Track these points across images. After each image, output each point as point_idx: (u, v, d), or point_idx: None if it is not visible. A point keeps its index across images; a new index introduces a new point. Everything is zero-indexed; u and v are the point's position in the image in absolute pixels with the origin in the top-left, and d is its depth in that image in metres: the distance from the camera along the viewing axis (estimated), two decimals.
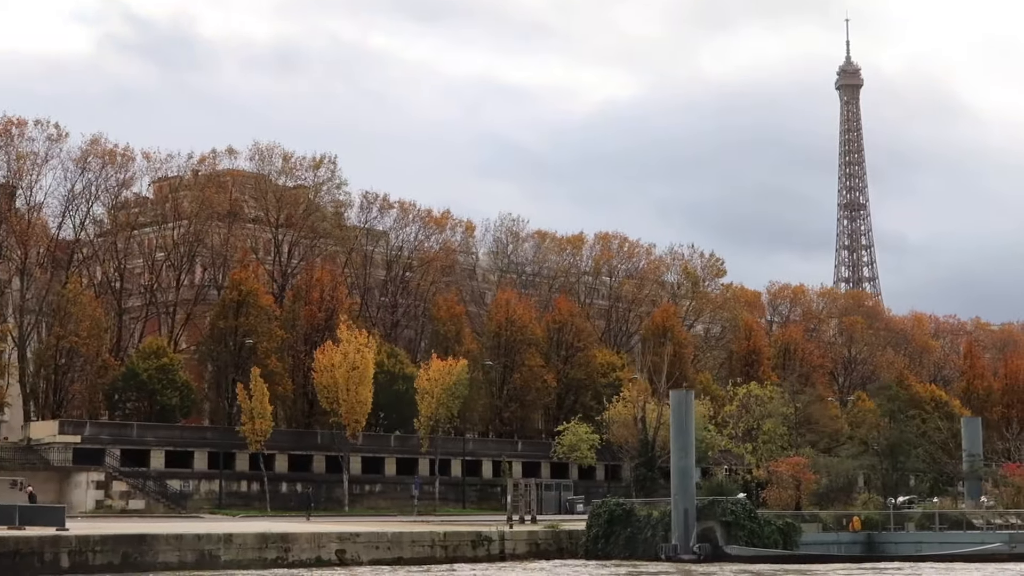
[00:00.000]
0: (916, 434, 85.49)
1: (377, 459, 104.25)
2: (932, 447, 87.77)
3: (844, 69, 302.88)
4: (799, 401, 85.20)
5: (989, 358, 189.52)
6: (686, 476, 68.41)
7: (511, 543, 71.88)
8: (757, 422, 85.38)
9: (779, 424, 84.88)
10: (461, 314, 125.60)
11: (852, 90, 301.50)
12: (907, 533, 75.23)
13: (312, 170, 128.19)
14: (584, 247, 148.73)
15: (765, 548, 68.87)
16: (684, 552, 67.36)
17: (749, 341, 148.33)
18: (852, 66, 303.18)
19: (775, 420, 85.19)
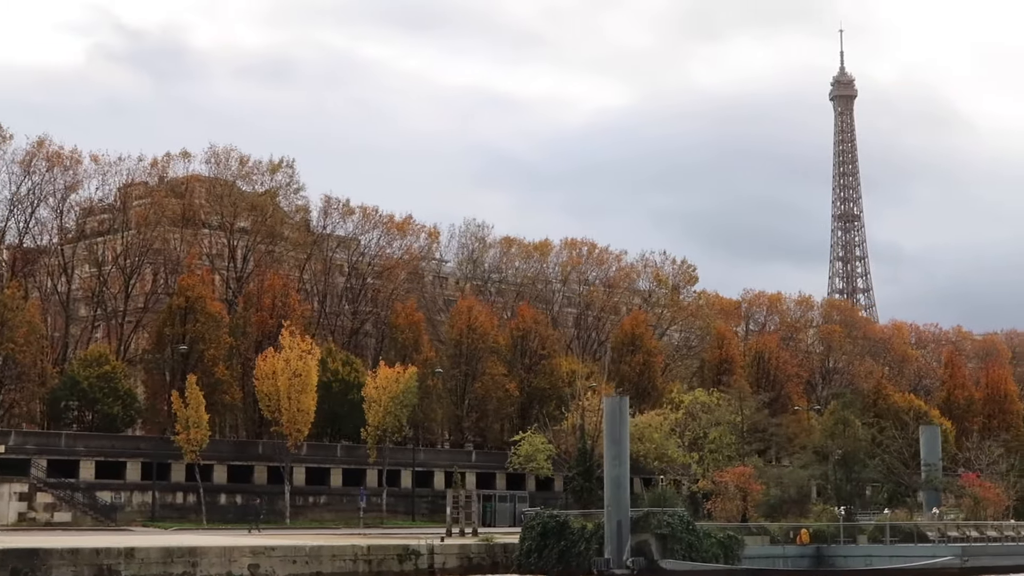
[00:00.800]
0: (871, 443, 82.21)
1: (322, 470, 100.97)
2: (890, 456, 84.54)
3: (838, 80, 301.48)
4: (747, 408, 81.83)
5: (972, 367, 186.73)
6: (620, 487, 65.18)
7: (441, 557, 68.59)
8: (703, 430, 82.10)
9: (727, 432, 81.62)
10: (420, 321, 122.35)
11: (846, 101, 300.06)
12: (857, 546, 72.11)
13: (270, 174, 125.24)
14: (551, 253, 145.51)
15: (704, 562, 65.59)
16: (617, 567, 64.12)
17: (721, 350, 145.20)
18: (846, 76, 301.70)
19: (722, 428, 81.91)
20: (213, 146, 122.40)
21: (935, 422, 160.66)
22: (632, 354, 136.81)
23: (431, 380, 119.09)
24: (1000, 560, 70.46)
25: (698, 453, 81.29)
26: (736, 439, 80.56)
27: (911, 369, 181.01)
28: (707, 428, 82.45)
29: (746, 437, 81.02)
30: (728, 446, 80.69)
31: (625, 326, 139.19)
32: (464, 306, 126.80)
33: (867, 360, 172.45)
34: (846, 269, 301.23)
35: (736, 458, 78.65)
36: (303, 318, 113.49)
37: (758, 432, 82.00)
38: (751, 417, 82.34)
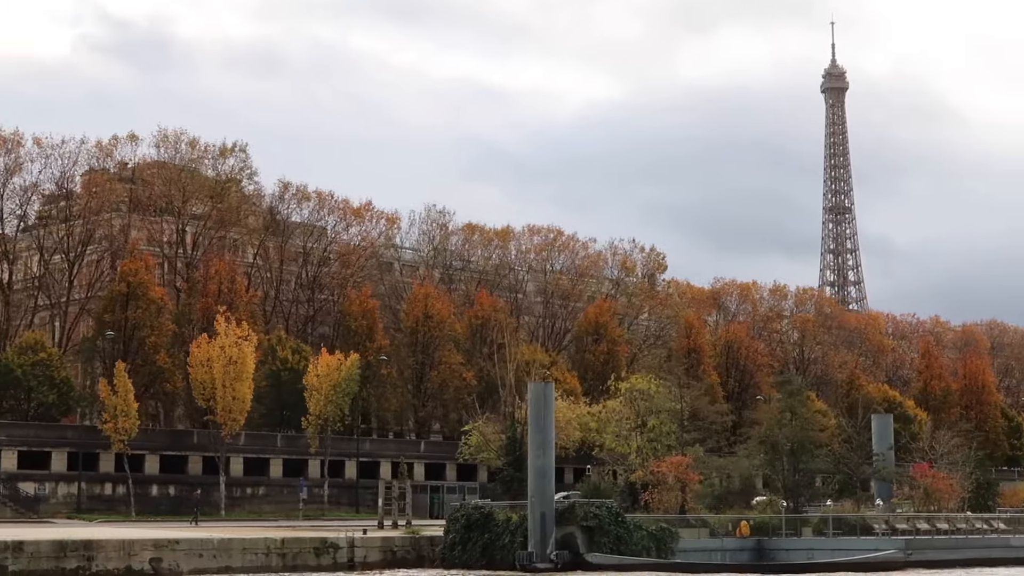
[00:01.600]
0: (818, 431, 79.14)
1: (262, 460, 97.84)
2: (843, 446, 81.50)
3: (830, 72, 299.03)
4: (687, 395, 78.67)
5: (951, 358, 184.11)
6: (544, 477, 62.25)
7: (362, 551, 65.69)
8: (642, 419, 78.99)
9: (666, 421, 78.49)
10: (374, 309, 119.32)
11: (838, 93, 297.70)
12: (799, 539, 69.32)
13: (221, 158, 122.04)
14: (512, 240, 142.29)
15: (633, 556, 62.59)
16: (540, 560, 61.21)
17: (689, 339, 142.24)
18: (838, 69, 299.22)
19: (662, 417, 78.78)
20: (163, 129, 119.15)
21: (909, 413, 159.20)
22: (596, 343, 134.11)
23: (385, 369, 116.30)
24: (945, 554, 67.71)
25: (636, 442, 78.22)
26: (676, 428, 77.34)
27: (887, 360, 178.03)
28: (646, 416, 79.33)
29: (686, 426, 77.87)
30: (667, 435, 77.57)
31: (589, 315, 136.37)
32: (421, 293, 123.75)
33: (841, 350, 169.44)
34: (837, 262, 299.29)
35: (676, 447, 75.58)
36: (250, 305, 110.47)
37: (698, 421, 78.82)
38: (692, 405, 79.06)
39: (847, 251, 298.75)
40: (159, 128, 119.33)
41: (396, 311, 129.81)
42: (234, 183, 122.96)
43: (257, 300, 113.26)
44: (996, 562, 69.35)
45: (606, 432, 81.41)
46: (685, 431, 77.24)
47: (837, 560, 65.48)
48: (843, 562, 65.21)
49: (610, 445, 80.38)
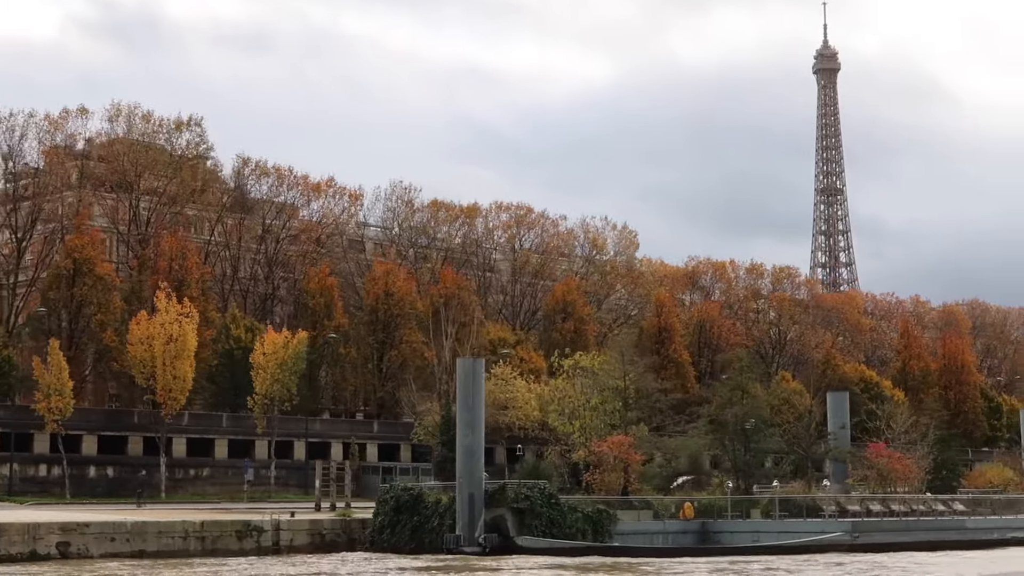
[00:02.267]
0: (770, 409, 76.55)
1: (206, 441, 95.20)
2: (798, 425, 78.94)
3: (822, 53, 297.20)
4: (631, 372, 75.97)
5: (931, 338, 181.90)
6: (472, 456, 59.75)
7: (288, 534, 63.21)
8: (586, 397, 76.35)
9: (610, 399, 75.81)
10: (332, 286, 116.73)
11: (830, 74, 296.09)
12: (744, 522, 66.91)
13: (177, 132, 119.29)
14: (478, 217, 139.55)
15: (567, 539, 60.10)
16: (468, 544, 58.78)
17: (660, 318, 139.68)
18: (830, 50, 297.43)
19: (605, 394, 76.11)
20: (116, 103, 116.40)
21: (887, 393, 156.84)
22: (564, 321, 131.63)
23: (344, 348, 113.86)
24: (894, 537, 65.26)
25: (579, 421, 75.63)
26: (620, 406, 74.67)
27: (865, 340, 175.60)
28: (589, 394, 76.69)
29: (631, 404, 75.26)
30: (611, 414, 74.95)
31: (557, 292, 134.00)
32: (381, 271, 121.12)
33: (819, 330, 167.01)
34: (828, 243, 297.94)
35: (620, 427, 73.03)
36: (203, 282, 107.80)
37: (643, 399, 76.21)
38: (637, 382, 76.33)
39: (838, 232, 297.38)
40: (112, 102, 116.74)
41: (359, 289, 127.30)
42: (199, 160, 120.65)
43: (210, 277, 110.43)
44: (949, 545, 66.93)
45: (550, 411, 78.75)
46: (630, 409, 74.67)
47: (781, 543, 63.05)
48: (787, 545, 62.80)
49: (553, 424, 77.74)
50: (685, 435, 75.71)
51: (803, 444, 74.67)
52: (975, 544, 68.46)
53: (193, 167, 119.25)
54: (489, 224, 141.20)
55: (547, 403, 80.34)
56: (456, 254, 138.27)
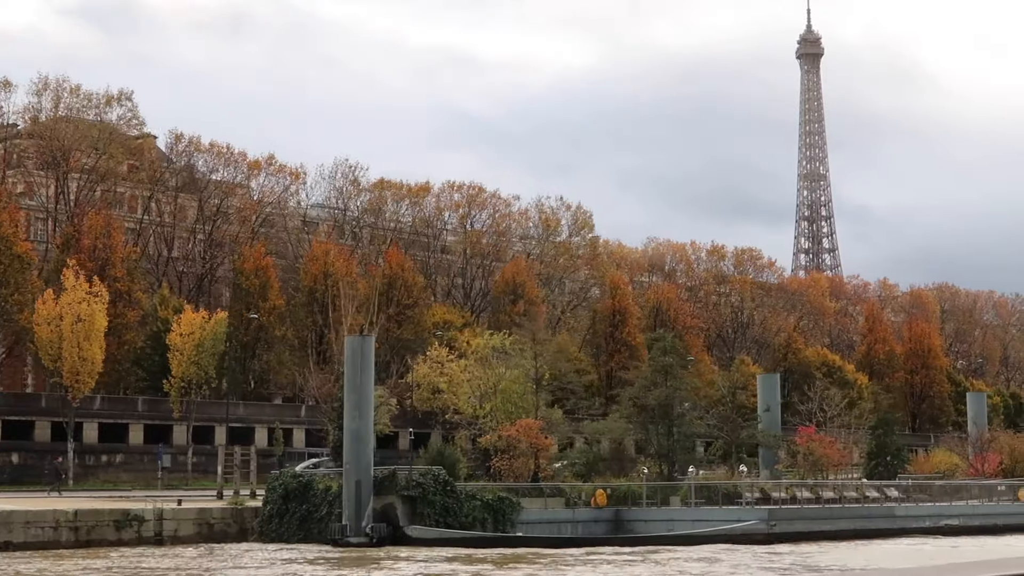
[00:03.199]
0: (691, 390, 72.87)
1: (120, 426, 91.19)
2: (726, 409, 75.32)
3: (805, 38, 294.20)
4: (543, 352, 72.16)
5: (898, 322, 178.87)
6: (360, 441, 56.07)
7: (172, 524, 59.45)
8: (497, 378, 72.54)
9: (521, 380, 72.03)
10: (268, 266, 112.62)
11: (813, 59, 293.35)
12: (658, 510, 63.35)
13: (106, 106, 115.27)
14: (427, 196, 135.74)
15: (464, 528, 56.50)
16: (355, 534, 55.11)
17: (614, 300, 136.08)
18: (813, 35, 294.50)
19: (515, 375, 72.29)
20: (43, 76, 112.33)
21: (849, 377, 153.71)
22: (513, 303, 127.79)
23: (278, 330, 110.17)
24: (815, 525, 61.76)
25: (490, 404, 71.83)
26: (531, 388, 70.88)
27: (829, 323, 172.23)
28: (500, 376, 72.80)
29: (544, 386, 71.54)
30: (523, 396, 71.17)
31: (506, 273, 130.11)
32: (320, 250, 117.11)
33: (782, 313, 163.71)
34: (812, 229, 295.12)
35: (531, 410, 69.35)
36: (129, 262, 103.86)
37: (555, 381, 72.48)
38: (551, 364, 72.45)
39: (822, 218, 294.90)
40: (39, 75, 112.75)
41: (298, 270, 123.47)
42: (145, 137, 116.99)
43: (137, 256, 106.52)
44: (875, 534, 63.56)
45: (459, 393, 75.01)
46: (542, 392, 70.93)
47: (694, 532, 59.55)
48: (699, 534, 59.27)
49: (463, 407, 73.99)
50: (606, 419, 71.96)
51: (726, 428, 71.00)
52: (905, 532, 65.07)
53: (126, 144, 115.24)
54: (440, 204, 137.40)
55: (457, 385, 76.59)
56: (404, 235, 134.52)
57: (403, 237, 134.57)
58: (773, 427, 74.63)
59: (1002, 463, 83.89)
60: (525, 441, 63.28)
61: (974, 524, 69.62)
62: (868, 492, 70.49)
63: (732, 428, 71.76)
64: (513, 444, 63.34)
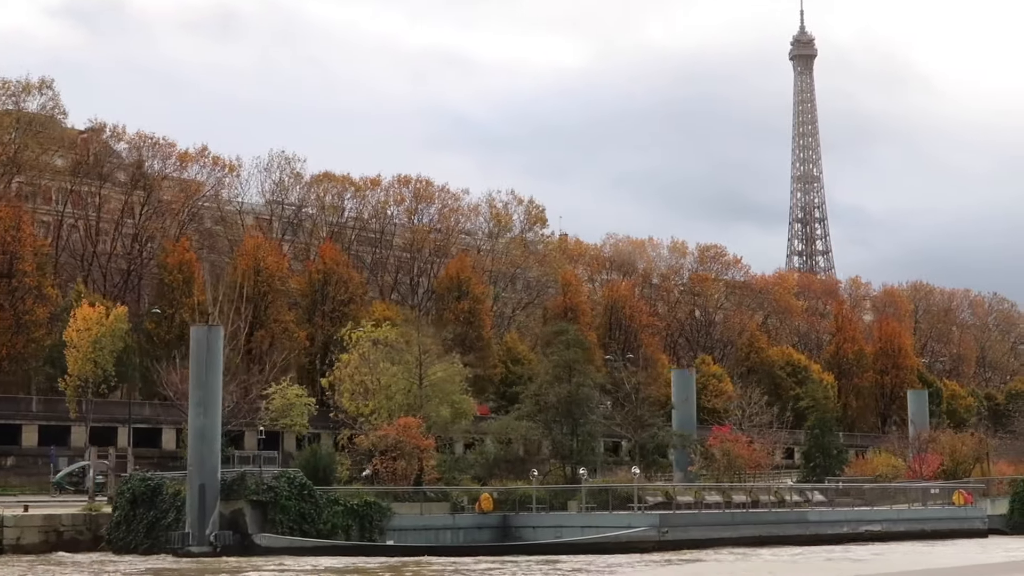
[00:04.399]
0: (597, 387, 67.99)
1: (12, 427, 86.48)
2: (642, 407, 70.38)
3: (798, 39, 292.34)
4: (429, 345, 67.18)
5: (870, 321, 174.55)
6: (204, 440, 51.38)
7: (15, 531, 54.79)
8: (377, 375, 67.69)
9: (402, 376, 67.08)
10: (192, 261, 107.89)
11: (806, 60, 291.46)
12: (547, 515, 58.48)
13: (25, 95, 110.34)
14: (370, 191, 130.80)
15: (323, 537, 51.70)
16: (197, 542, 50.28)
17: (566, 297, 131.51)
18: (806, 36, 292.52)
19: (398, 370, 67.41)
20: None
21: (814, 377, 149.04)
22: (457, 300, 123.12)
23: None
24: (711, 532, 56.89)
25: (372, 401, 66.98)
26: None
27: (796, 322, 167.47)
28: (383, 371, 67.90)
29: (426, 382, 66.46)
30: (406, 392, 66.29)
31: (450, 270, 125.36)
32: (250, 245, 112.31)
33: (744, 312, 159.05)
34: (805, 231, 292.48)
35: (415, 407, 64.51)
36: (40, 256, 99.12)
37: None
38: (435, 356, 67.38)
39: (815, 220, 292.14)
40: None
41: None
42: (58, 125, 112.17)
43: (47, 250, 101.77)
44: (785, 541, 58.76)
45: (342, 391, 70.13)
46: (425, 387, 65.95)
47: (578, 540, 54.78)
48: (583, 542, 54.53)
49: (345, 405, 69.09)
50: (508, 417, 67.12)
51: (629, 427, 66.14)
52: (820, 540, 60.20)
53: (46, 134, 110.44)
54: (386, 197, 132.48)
55: (338, 382, 71.59)
56: (345, 229, 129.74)
57: (348, 232, 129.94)
58: (688, 426, 69.80)
59: (942, 465, 79.14)
60: (406, 441, 58.40)
61: (899, 530, 64.95)
62: (786, 495, 65.69)
63: (636, 427, 66.83)
64: (391, 445, 58.46)
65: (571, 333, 68.45)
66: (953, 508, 69.10)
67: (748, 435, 68.34)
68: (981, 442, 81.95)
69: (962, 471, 78.95)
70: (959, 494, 70.19)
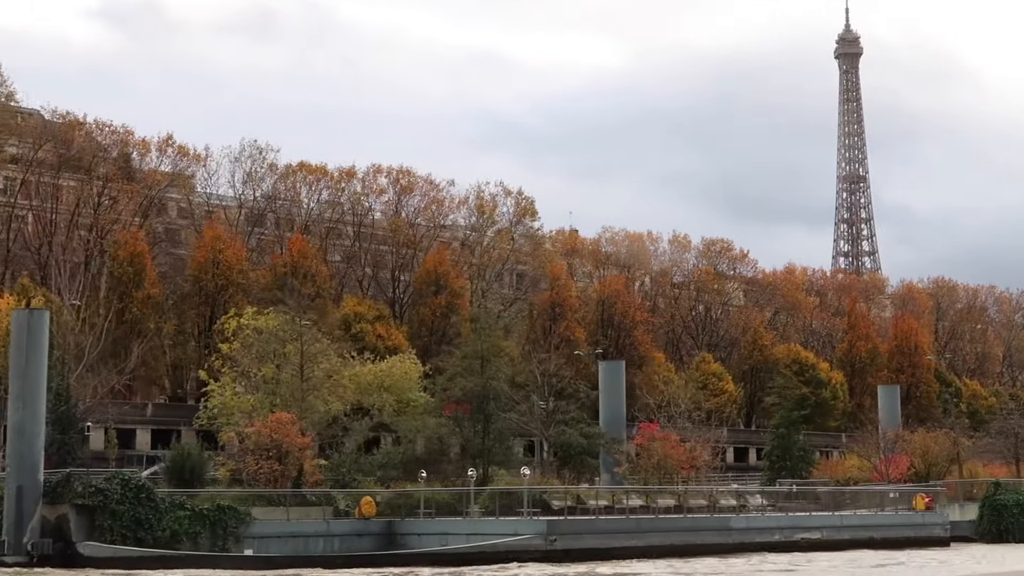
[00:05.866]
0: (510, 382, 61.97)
1: None
2: (570, 402, 64.38)
3: (843, 37, 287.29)
4: (307, 334, 61.42)
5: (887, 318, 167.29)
6: (23, 437, 45.99)
7: None
8: (257, 366, 61.97)
9: (284, 366, 61.25)
10: (143, 253, 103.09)
11: (852, 59, 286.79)
12: (433, 522, 52.57)
13: None
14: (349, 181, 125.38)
15: (163, 546, 46.11)
16: (13, 551, 44.86)
17: (553, 292, 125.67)
18: (851, 34, 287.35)
19: (278, 362, 61.60)
20: None
21: (822, 376, 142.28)
22: (434, 295, 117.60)
23: (152, 322, 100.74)
24: (610, 540, 50.89)
25: (253, 397, 61.24)
26: (299, 376, 60.01)
27: (805, 319, 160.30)
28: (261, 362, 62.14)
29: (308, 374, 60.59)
30: (284, 385, 60.53)
31: (427, 264, 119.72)
32: (209, 236, 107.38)
33: (751, 308, 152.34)
34: (851, 232, 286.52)
35: (294, 402, 58.78)
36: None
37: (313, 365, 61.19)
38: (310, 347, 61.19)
39: (861, 220, 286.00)
40: None
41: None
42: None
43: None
44: (703, 550, 52.63)
45: (224, 386, 64.46)
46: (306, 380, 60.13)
47: (458, 548, 48.98)
48: (465, 551, 48.70)
49: (228, 402, 63.39)
50: None
51: (539, 425, 60.15)
52: (745, 548, 54.04)
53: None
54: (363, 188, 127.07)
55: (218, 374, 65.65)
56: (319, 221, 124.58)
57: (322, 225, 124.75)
58: (616, 424, 63.70)
59: (912, 466, 72.51)
60: (282, 439, 52.73)
61: (842, 538, 58.57)
62: (721, 500, 59.51)
63: (544, 426, 60.83)
64: (267, 443, 52.83)
65: (482, 320, 62.64)
66: (909, 514, 62.71)
67: (681, 433, 62.17)
68: (955, 442, 75.26)
69: (935, 473, 72.36)
70: (919, 498, 63.77)
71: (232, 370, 62.41)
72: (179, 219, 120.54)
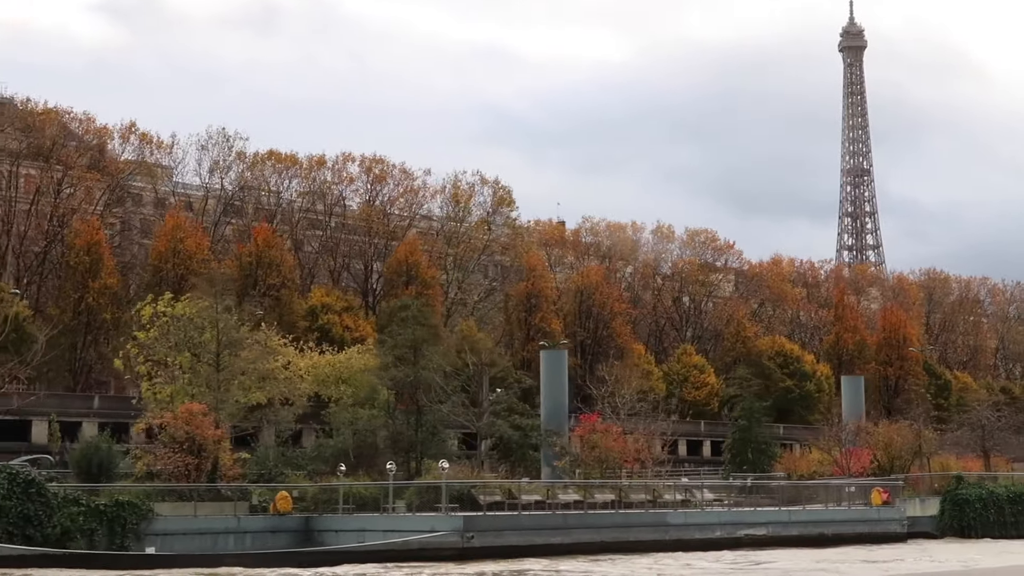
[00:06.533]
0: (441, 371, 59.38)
1: None
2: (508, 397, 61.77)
3: (847, 30, 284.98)
4: (224, 321, 58.74)
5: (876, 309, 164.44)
6: None
7: None
8: (171, 354, 59.27)
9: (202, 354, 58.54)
10: (100, 242, 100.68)
11: (856, 52, 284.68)
12: (350, 518, 50.06)
13: None
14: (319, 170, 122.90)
15: (54, 544, 43.62)
16: None
17: (529, 283, 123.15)
18: (855, 27, 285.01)
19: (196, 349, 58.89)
20: None
21: (807, 369, 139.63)
22: (405, 286, 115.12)
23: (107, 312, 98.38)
24: (533, 537, 48.45)
25: (171, 387, 58.53)
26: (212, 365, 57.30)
27: (791, 311, 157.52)
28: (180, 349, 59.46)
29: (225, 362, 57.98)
30: (202, 374, 57.80)
31: (399, 254, 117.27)
32: (170, 224, 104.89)
33: (736, 300, 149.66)
34: (855, 225, 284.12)
35: (208, 391, 56.16)
36: None
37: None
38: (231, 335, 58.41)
39: (866, 214, 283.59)
40: None
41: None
42: None
43: None
44: (638, 547, 50.14)
45: (137, 373, 61.90)
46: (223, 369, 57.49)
47: (371, 545, 46.46)
48: (378, 548, 46.19)
49: (144, 393, 60.88)
50: None
51: (471, 417, 57.57)
52: (682, 545, 51.41)
53: None
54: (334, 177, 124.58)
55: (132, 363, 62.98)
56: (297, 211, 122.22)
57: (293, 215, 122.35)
58: (558, 416, 61.08)
59: (875, 459, 69.82)
60: (193, 431, 50.22)
61: (790, 534, 55.92)
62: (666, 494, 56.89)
63: (473, 418, 58.22)
64: (179, 436, 50.30)
65: (414, 308, 60.10)
66: (864, 509, 60.04)
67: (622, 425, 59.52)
68: (918, 435, 72.50)
69: (898, 467, 69.62)
70: (876, 492, 61.10)
71: (148, 359, 59.72)
72: (154, 209, 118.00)
